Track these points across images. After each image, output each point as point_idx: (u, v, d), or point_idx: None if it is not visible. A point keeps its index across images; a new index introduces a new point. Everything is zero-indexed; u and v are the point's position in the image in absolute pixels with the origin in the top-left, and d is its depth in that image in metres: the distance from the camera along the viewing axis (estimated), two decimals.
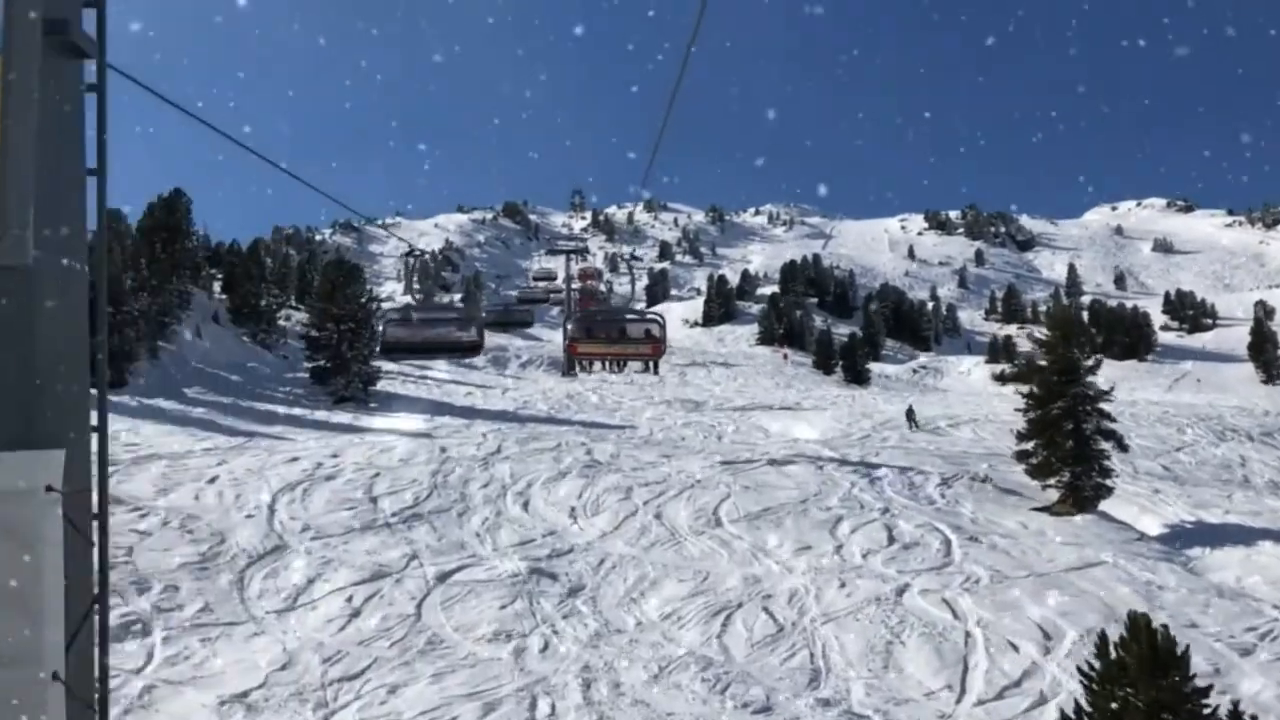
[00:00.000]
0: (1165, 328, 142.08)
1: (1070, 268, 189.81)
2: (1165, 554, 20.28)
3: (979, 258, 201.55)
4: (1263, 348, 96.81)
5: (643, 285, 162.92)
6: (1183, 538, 22.18)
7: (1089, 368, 23.57)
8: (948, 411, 43.69)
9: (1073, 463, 22.97)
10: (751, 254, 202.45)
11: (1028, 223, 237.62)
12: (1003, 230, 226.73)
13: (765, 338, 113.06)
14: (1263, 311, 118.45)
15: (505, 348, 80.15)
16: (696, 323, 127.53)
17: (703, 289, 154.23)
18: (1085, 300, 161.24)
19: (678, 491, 24.10)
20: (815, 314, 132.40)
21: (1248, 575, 19.07)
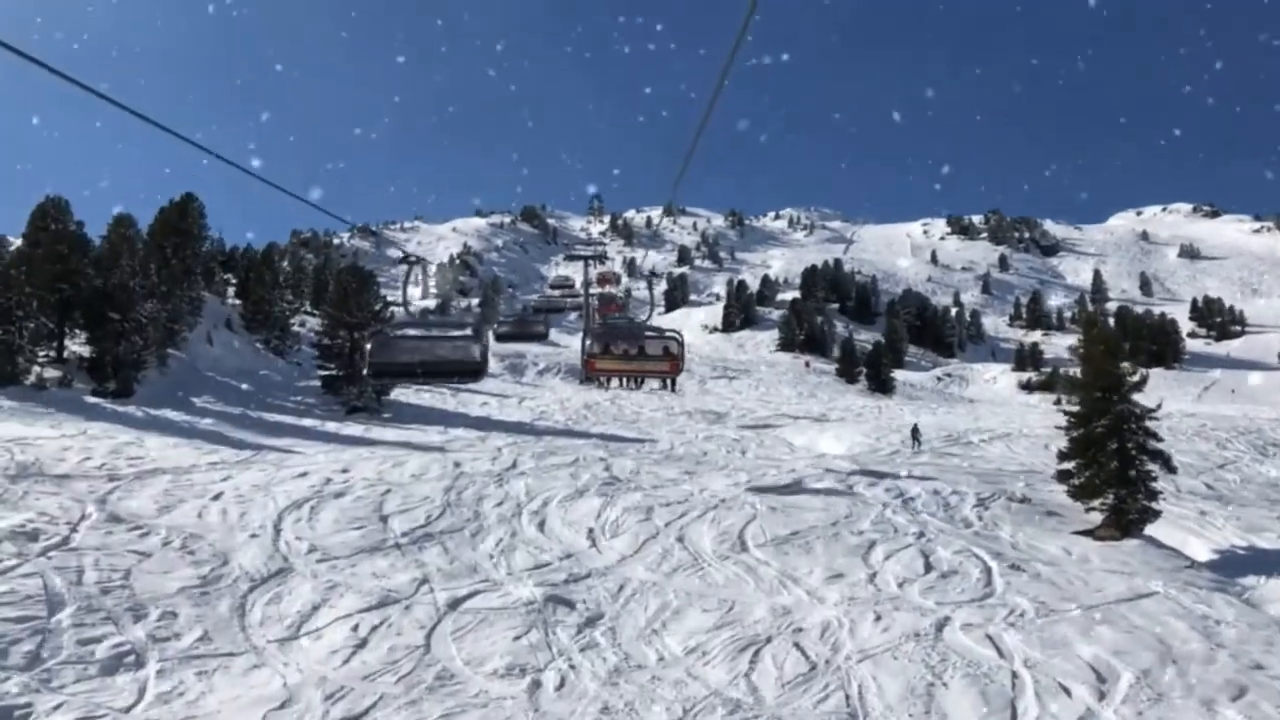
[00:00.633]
0: (1193, 335, 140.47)
1: (1095, 273, 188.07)
2: (1219, 583, 19.08)
3: (1003, 263, 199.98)
4: None
5: (661, 290, 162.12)
6: (1235, 564, 21.00)
7: (1134, 384, 22.40)
8: (978, 425, 42.54)
9: (1117, 484, 21.80)
10: (771, 259, 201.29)
11: (1052, 228, 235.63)
12: (1026, 235, 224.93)
13: (786, 344, 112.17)
14: None
15: (523, 354, 79.52)
16: (716, 328, 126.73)
17: (722, 294, 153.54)
18: (1111, 306, 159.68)
19: (701, 512, 23.07)
20: (836, 320, 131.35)
21: None
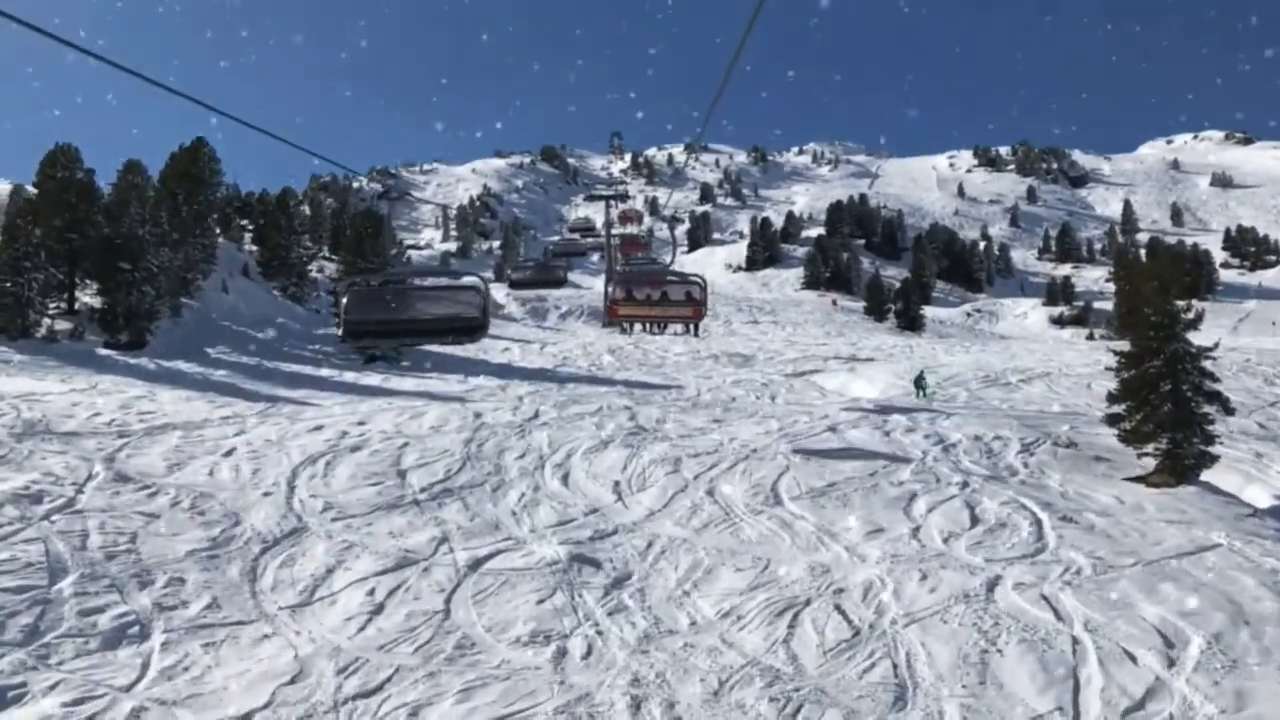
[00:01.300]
0: (1225, 265, 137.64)
1: (1125, 204, 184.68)
2: None
3: (1031, 195, 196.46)
4: None
5: (683, 230, 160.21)
6: None
7: (1189, 321, 21.12)
8: (1015, 364, 41.12)
9: (1171, 428, 20.62)
10: (795, 195, 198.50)
11: (1080, 158, 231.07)
12: (1054, 166, 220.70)
13: (811, 282, 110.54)
14: None
15: (544, 298, 78.48)
16: (740, 267, 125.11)
17: (745, 232, 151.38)
18: (1142, 238, 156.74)
19: (731, 463, 22.08)
20: (862, 256, 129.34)
21: None
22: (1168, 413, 20.72)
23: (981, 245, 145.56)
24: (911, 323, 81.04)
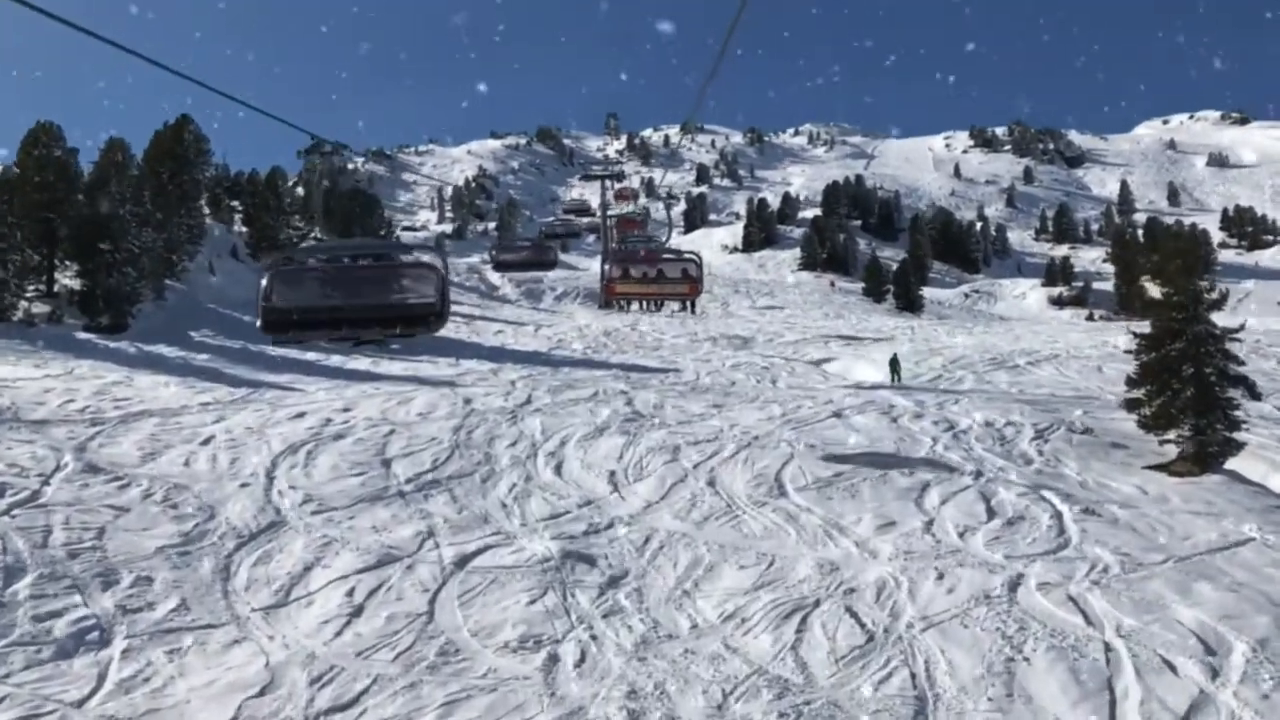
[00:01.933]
0: (1223, 245, 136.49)
1: (1122, 184, 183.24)
2: None
3: (1027, 175, 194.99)
4: None
5: (679, 211, 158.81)
6: None
7: (1213, 301, 20.10)
8: (1020, 345, 40.11)
9: (1194, 413, 19.63)
10: (791, 176, 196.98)
11: (1076, 138, 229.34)
12: (1051, 147, 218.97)
13: (808, 263, 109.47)
14: None
15: (540, 279, 77.23)
16: (736, 248, 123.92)
17: (742, 213, 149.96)
18: (1139, 218, 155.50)
19: (732, 451, 21.07)
20: (859, 237, 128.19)
21: None
22: (1190, 397, 19.74)
23: (978, 226, 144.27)
24: (910, 304, 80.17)
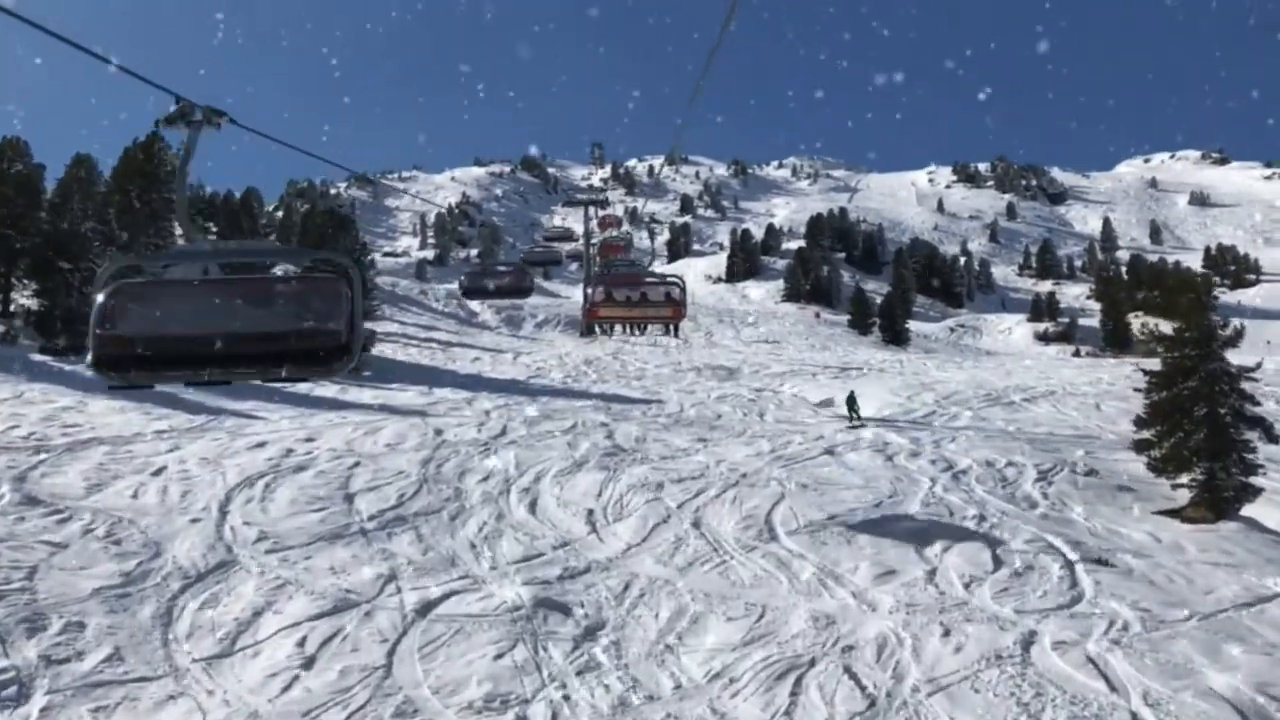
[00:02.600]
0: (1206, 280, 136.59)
1: (1105, 221, 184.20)
2: None
3: (1010, 211, 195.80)
4: None
5: (663, 240, 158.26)
6: None
7: (1227, 338, 19.07)
8: (1014, 381, 39.09)
9: (1208, 456, 18.54)
10: (775, 208, 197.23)
11: (1059, 175, 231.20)
12: (1033, 183, 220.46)
13: (791, 294, 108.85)
14: None
15: (520, 306, 76.05)
16: (719, 278, 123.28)
17: (725, 244, 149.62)
18: (1122, 255, 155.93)
19: (719, 490, 19.84)
20: (843, 269, 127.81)
21: None
22: (1203, 439, 18.65)
23: (962, 260, 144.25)
24: (897, 337, 79.40)
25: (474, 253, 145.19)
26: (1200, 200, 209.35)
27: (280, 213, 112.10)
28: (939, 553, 16.10)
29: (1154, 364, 20.09)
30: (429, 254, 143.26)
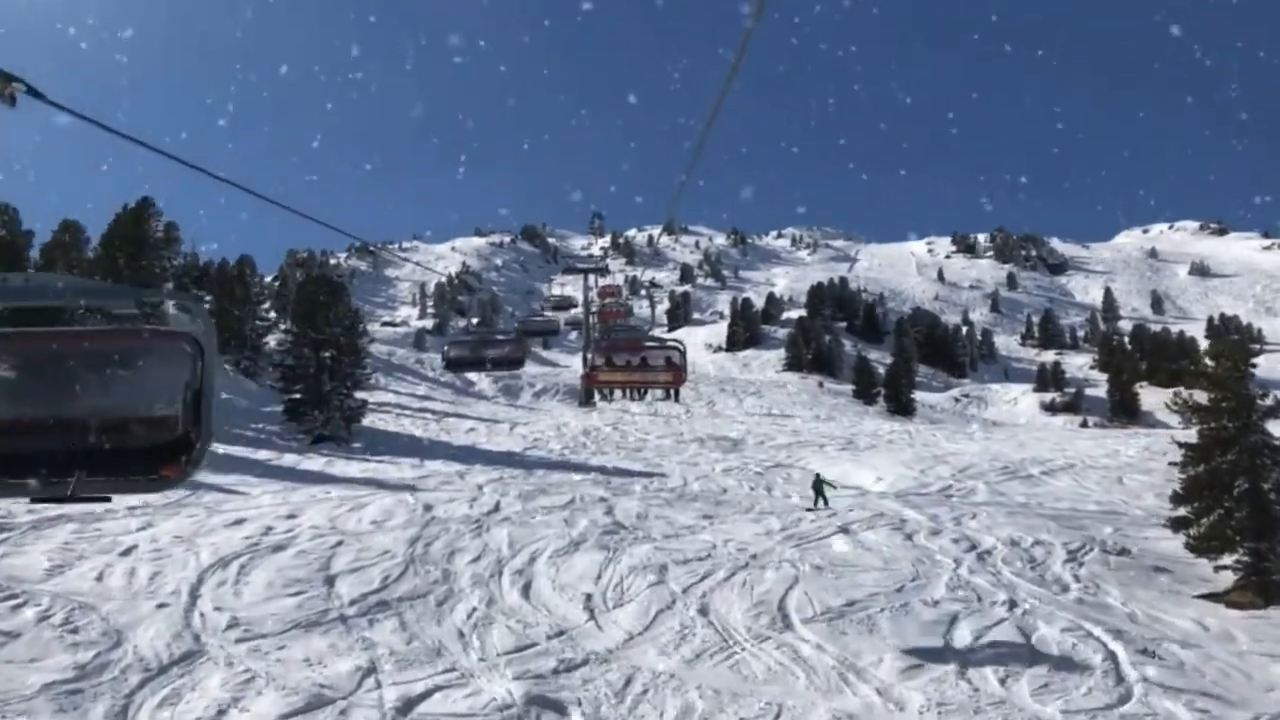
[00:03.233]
0: (1208, 353, 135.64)
1: (1106, 291, 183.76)
2: None
3: (1011, 281, 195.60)
4: None
5: (663, 309, 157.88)
6: None
7: (1268, 408, 17.87)
8: (1029, 454, 37.75)
9: (1252, 535, 17.24)
10: (775, 277, 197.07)
11: (1058, 246, 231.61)
12: (1033, 254, 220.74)
13: (793, 363, 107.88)
14: None
15: (519, 375, 74.84)
16: (720, 347, 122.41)
17: (725, 313, 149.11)
18: (1124, 325, 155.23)
19: (728, 572, 18.45)
20: (844, 338, 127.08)
21: None
22: (1246, 516, 17.37)
23: (964, 330, 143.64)
24: (902, 407, 78.17)
25: (474, 321, 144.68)
26: (1201, 270, 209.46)
27: (278, 282, 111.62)
28: (970, 643, 14.73)
29: (1188, 435, 18.89)
30: (428, 323, 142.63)
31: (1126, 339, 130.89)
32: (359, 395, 40.14)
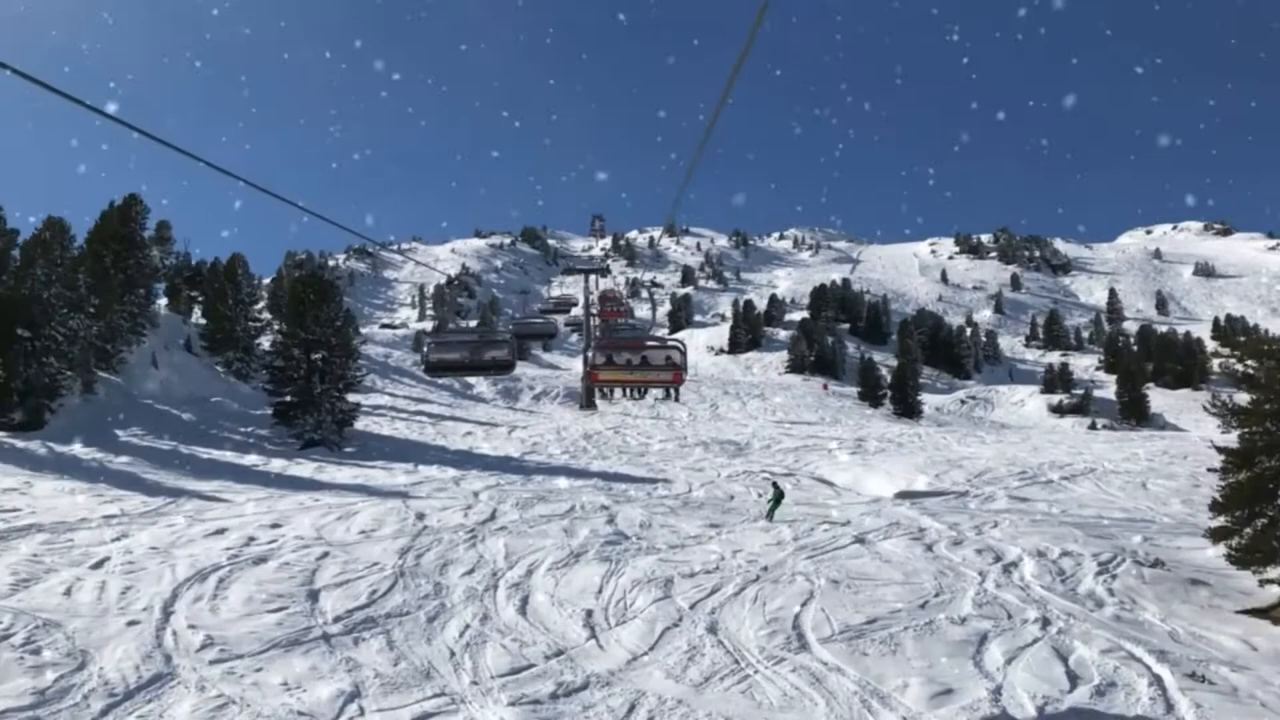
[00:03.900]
0: (1215, 354, 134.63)
1: (1111, 292, 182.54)
2: None
3: (1015, 282, 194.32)
4: None
5: (664, 311, 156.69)
6: None
7: None
8: (1045, 458, 36.59)
9: None
10: (777, 279, 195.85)
11: (1062, 247, 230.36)
12: (1037, 254, 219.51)
13: (796, 365, 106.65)
14: None
15: (518, 378, 73.64)
16: (722, 350, 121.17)
17: (727, 315, 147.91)
18: (1129, 326, 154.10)
19: (737, 587, 17.32)
20: (847, 340, 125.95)
21: None
22: None
23: (968, 331, 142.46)
24: (909, 409, 76.96)
25: (473, 324, 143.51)
26: (1205, 271, 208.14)
27: (271, 281, 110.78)
28: (1002, 665, 13.58)
29: (1228, 439, 17.73)
30: (427, 325, 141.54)
31: (1132, 340, 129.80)
32: (352, 398, 39.03)
